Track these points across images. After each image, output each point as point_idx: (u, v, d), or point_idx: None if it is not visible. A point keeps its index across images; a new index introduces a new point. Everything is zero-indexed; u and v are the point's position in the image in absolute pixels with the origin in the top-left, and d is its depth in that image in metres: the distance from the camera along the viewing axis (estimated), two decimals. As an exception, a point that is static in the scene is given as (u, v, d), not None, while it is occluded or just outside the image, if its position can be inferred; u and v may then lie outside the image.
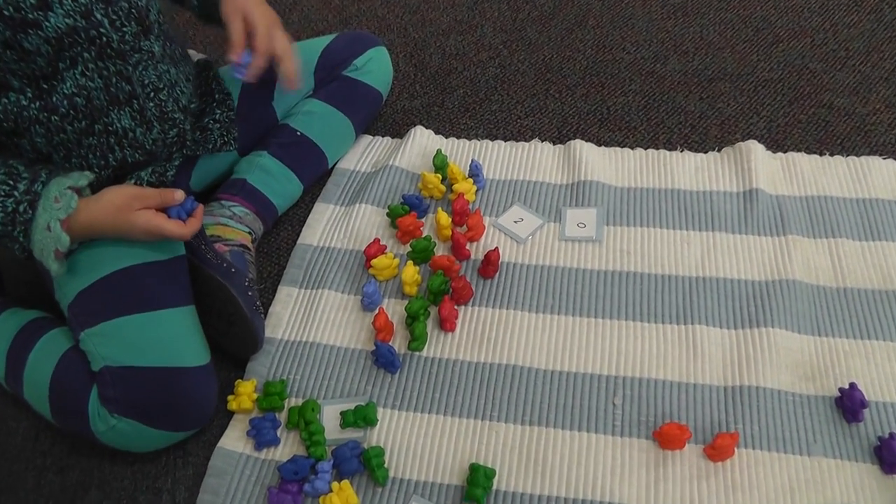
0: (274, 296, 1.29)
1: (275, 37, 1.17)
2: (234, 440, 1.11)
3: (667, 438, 1.03)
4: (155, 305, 1.09)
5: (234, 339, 1.18)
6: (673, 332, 1.17)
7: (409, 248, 1.29)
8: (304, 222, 1.40)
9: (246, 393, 1.14)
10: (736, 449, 1.03)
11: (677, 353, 1.15)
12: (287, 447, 1.10)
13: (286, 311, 1.26)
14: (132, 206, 1.04)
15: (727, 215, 1.31)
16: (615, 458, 1.04)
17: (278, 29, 1.19)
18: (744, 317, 1.17)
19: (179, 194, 1.08)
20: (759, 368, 1.10)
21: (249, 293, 1.16)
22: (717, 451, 1.01)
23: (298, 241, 1.36)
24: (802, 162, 1.39)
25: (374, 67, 1.46)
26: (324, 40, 1.45)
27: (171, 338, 1.09)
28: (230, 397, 1.15)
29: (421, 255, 1.27)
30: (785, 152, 1.41)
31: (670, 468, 1.03)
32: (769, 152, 1.40)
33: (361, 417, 1.09)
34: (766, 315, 1.16)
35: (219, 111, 1.31)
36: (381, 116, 1.58)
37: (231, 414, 1.15)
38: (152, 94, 1.13)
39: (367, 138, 1.54)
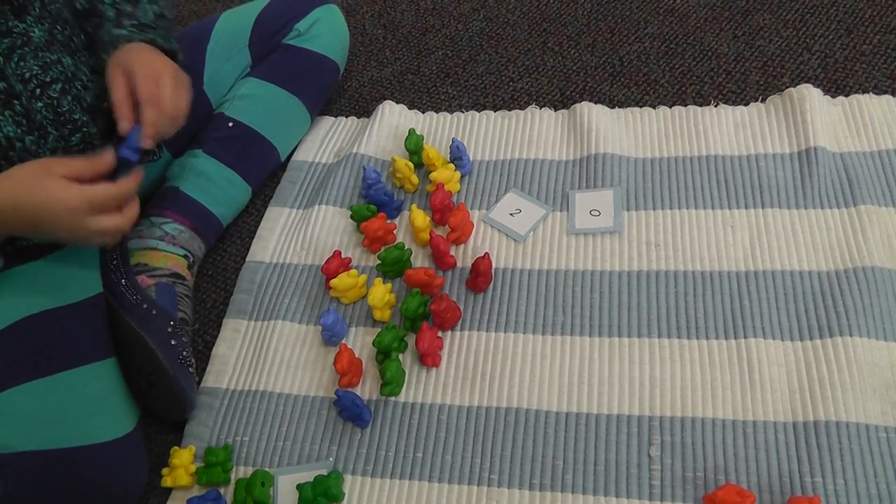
0: (219, 332, 1.05)
1: (168, 92, 0.92)
2: (170, 526, 0.90)
3: (722, 507, 0.77)
4: (59, 365, 0.88)
5: (158, 401, 0.95)
6: (721, 349, 0.91)
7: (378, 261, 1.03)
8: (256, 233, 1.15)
9: (182, 465, 0.93)
10: (816, 514, 0.77)
11: (728, 379, 0.89)
12: (236, 533, 0.88)
13: (232, 351, 1.03)
14: (52, 170, 0.81)
15: (780, 186, 1.05)
16: (654, 533, 0.80)
17: (172, 85, 0.93)
18: (810, 322, 0.92)
19: (108, 156, 0.85)
20: (836, 395, 0.85)
21: (173, 342, 0.94)
22: (791, 522, 0.75)
23: (248, 259, 1.13)
24: (871, 106, 1.12)
25: (323, 30, 1.21)
26: (258, 4, 1.21)
27: (79, 406, 0.88)
28: (164, 470, 0.94)
29: (393, 267, 1.02)
30: (847, 95, 1.15)
31: (729, 544, 0.77)
32: (828, 97, 1.14)
33: (322, 493, 0.87)
34: (840, 318, 0.91)
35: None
36: (344, 92, 1.35)
37: (169, 491, 0.94)
38: (38, 90, 0.90)
39: (328, 120, 1.29)
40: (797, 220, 1.01)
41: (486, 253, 0.99)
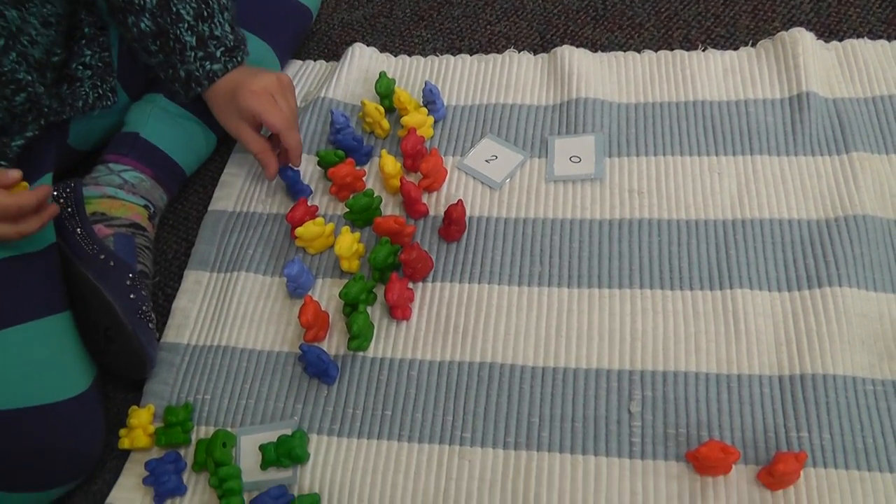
0: (180, 284, 0.99)
1: (287, 108, 0.98)
2: (128, 490, 0.86)
3: (706, 464, 0.74)
4: (8, 320, 0.82)
5: (116, 358, 0.90)
6: (706, 300, 0.88)
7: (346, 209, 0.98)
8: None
9: (141, 425, 0.88)
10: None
11: (713, 331, 0.85)
12: (197, 496, 0.84)
13: (194, 305, 0.98)
14: None
15: (769, 132, 1.00)
16: (635, 492, 0.77)
17: (284, 98, 0.98)
18: (798, 272, 0.88)
19: (14, 174, 0.80)
20: (823, 347, 0.82)
21: (132, 296, 0.88)
22: (776, 479, 0.72)
23: (210, 207, 1.07)
24: (865, 51, 1.07)
25: None
26: None
27: (30, 364, 0.82)
28: (122, 431, 0.89)
29: (361, 216, 0.97)
30: (841, 40, 1.10)
31: (712, 502, 0.74)
32: (820, 42, 1.09)
33: (285, 454, 0.82)
34: (830, 268, 0.87)
35: (89, 52, 1.01)
36: (313, 35, 1.29)
37: (127, 453, 0.89)
38: None
39: (295, 64, 1.23)
40: (787, 166, 0.96)
41: (460, 200, 0.94)
